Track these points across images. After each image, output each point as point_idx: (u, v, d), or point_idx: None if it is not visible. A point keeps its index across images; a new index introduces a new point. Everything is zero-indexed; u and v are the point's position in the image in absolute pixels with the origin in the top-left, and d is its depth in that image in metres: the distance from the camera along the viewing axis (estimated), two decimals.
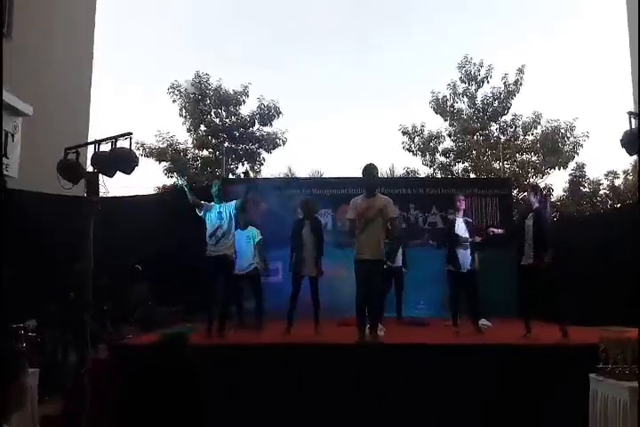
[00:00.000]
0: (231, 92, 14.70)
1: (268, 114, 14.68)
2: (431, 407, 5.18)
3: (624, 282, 6.82)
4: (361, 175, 6.14)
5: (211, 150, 14.67)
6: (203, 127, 14.74)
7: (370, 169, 6.09)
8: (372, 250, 5.86)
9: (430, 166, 15.03)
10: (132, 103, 33.50)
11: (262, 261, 7.66)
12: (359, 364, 5.32)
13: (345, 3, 32.47)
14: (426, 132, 14.90)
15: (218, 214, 6.45)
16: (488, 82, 14.44)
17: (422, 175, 15.10)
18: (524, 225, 6.42)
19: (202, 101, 14.53)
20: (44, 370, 4.58)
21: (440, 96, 14.80)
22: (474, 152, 14.39)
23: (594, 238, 7.77)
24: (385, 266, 6.49)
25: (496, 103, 14.36)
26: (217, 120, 14.75)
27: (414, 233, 9.54)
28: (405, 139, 14.97)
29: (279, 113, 14.71)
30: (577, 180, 14.74)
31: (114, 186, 5.22)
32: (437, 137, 14.89)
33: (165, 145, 14.44)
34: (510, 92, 14.26)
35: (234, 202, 6.55)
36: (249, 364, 5.33)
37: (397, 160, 28.02)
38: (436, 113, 14.91)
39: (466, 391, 5.20)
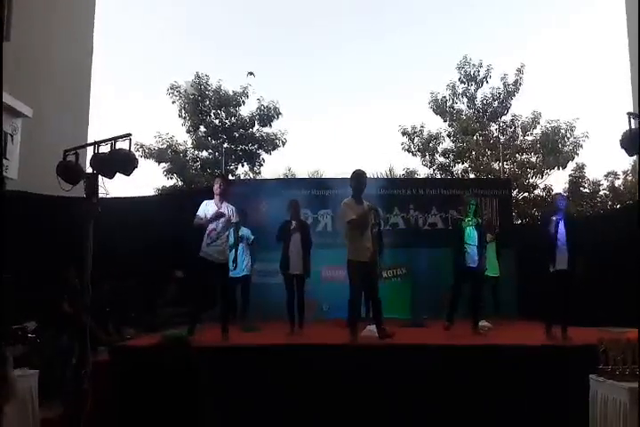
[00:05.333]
0: (231, 93, 14.69)
1: (267, 114, 14.67)
2: (431, 407, 5.17)
3: (624, 283, 6.82)
4: (351, 180, 6.22)
5: (210, 151, 14.66)
6: (202, 128, 14.73)
7: (359, 176, 6.24)
8: (372, 254, 6.10)
9: (430, 167, 15.03)
10: (131, 104, 33.56)
11: (250, 264, 7.80)
12: (359, 364, 5.32)
13: (345, 3, 32.51)
14: (425, 133, 14.89)
15: (216, 216, 6.28)
16: (487, 82, 14.48)
17: (422, 176, 15.11)
18: (554, 230, 6.26)
19: (201, 102, 14.51)
20: (43, 372, 4.58)
21: (439, 97, 14.82)
22: (473, 153, 14.39)
23: (594, 239, 7.76)
24: None
25: (495, 104, 14.37)
26: (216, 121, 14.74)
27: (414, 234, 9.54)
28: (405, 139, 14.98)
29: (279, 114, 14.71)
30: (577, 180, 14.74)
31: (114, 187, 5.22)
32: (437, 137, 14.88)
33: (165, 146, 14.43)
34: (510, 92, 14.27)
35: (232, 207, 6.46)
36: (249, 364, 5.33)
37: (397, 161, 28.06)
38: (436, 113, 14.92)
39: (466, 392, 5.20)
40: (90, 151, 4.91)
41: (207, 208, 6.33)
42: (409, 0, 30.16)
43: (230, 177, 13.89)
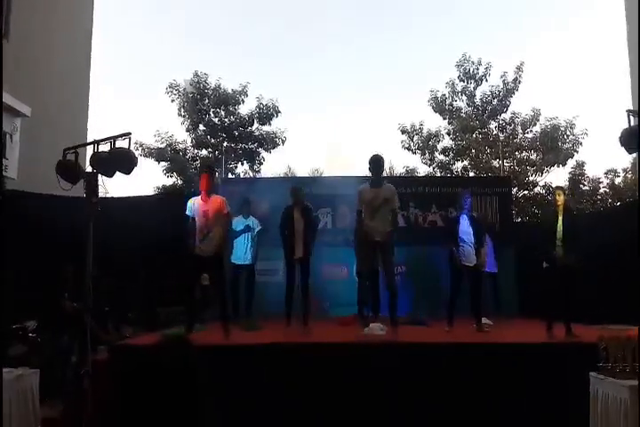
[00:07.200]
0: (230, 92, 14.68)
1: (266, 113, 14.66)
2: (433, 405, 5.17)
3: (624, 280, 6.82)
4: (368, 165, 6.38)
5: (210, 150, 14.65)
6: (202, 127, 14.72)
7: (377, 160, 6.36)
8: (382, 234, 6.09)
9: (430, 165, 15.03)
10: (130, 103, 33.55)
11: (254, 254, 7.80)
12: (361, 362, 5.32)
13: (345, 3, 32.49)
14: (425, 131, 14.88)
15: (203, 212, 6.19)
16: (487, 80, 14.45)
17: (422, 174, 15.11)
18: (555, 226, 6.26)
19: (201, 101, 14.49)
20: (44, 372, 4.58)
21: (439, 95, 14.80)
22: (473, 150, 14.38)
23: (593, 237, 7.76)
24: None
25: (495, 101, 14.36)
26: (216, 119, 14.72)
27: (414, 232, 9.54)
28: (404, 137, 14.97)
29: (278, 112, 14.69)
30: (577, 178, 14.73)
31: (113, 186, 5.21)
32: (436, 135, 14.87)
33: (164, 145, 14.41)
34: (509, 90, 14.25)
35: (219, 199, 6.32)
36: (250, 363, 5.32)
37: (397, 159, 28.09)
38: (435, 111, 14.90)
39: (468, 389, 5.20)
40: (89, 150, 4.91)
41: (194, 206, 6.26)
42: (408, 1, 30.18)
43: (230, 175, 13.91)
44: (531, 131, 14.35)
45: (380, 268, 6.37)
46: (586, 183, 15.08)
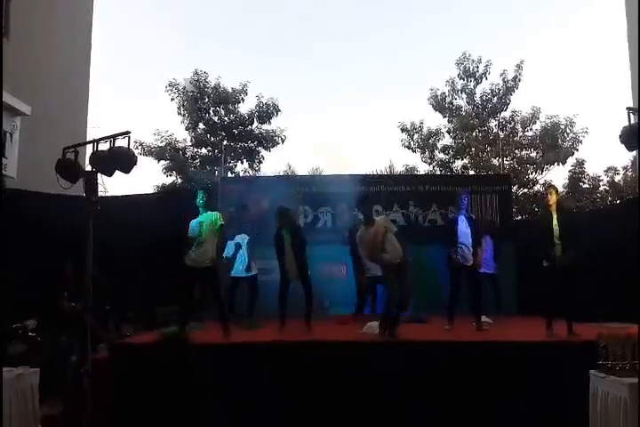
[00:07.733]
0: (230, 90, 14.67)
1: (266, 112, 14.65)
2: (433, 403, 5.18)
3: (624, 278, 6.82)
4: (357, 207, 6.79)
5: (210, 148, 14.64)
6: (201, 125, 14.71)
7: (363, 199, 6.73)
8: (398, 257, 6.19)
9: (429, 163, 15.03)
10: (130, 102, 33.54)
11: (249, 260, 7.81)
12: (361, 361, 5.32)
13: (346, 2, 32.46)
14: (425, 129, 14.89)
15: (198, 224, 6.36)
16: (486, 78, 14.44)
17: (422, 172, 15.10)
18: (551, 225, 6.28)
19: (200, 99, 14.48)
20: (44, 371, 4.58)
21: (439, 93, 14.79)
22: (473, 149, 14.37)
23: (593, 234, 7.76)
24: None
25: (495, 99, 14.34)
26: (216, 118, 14.71)
27: (414, 230, 9.52)
28: (404, 136, 14.97)
29: (278, 111, 14.68)
30: (577, 176, 14.73)
31: (113, 185, 5.20)
32: (436, 134, 14.88)
33: (164, 144, 14.40)
34: (509, 88, 14.24)
35: (215, 213, 6.48)
36: (250, 362, 5.33)
37: (397, 157, 28.07)
38: (435, 110, 14.89)
39: (468, 388, 5.20)
40: (89, 149, 4.90)
41: (193, 224, 6.42)
42: (409, 0, 30.17)
43: (230, 174, 13.91)
44: (531, 129, 14.35)
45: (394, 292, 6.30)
46: (586, 181, 15.08)
